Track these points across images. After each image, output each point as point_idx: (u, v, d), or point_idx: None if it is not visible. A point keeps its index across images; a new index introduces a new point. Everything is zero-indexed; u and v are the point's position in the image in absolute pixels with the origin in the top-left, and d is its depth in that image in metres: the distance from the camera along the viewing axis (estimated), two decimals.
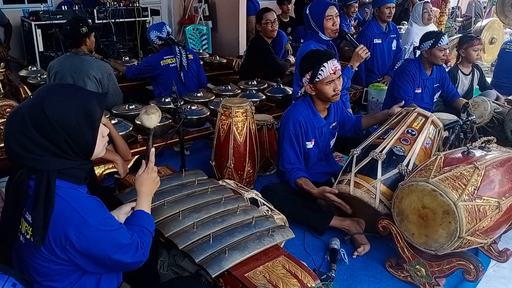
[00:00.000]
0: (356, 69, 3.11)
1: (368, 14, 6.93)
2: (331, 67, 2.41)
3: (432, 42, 3.41)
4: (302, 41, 4.79)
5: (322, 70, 2.40)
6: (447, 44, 3.45)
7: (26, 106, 1.26)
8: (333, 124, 2.73)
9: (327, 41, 3.15)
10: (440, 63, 3.52)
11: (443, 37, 3.42)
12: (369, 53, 3.07)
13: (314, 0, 3.22)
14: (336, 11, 3.12)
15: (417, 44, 3.66)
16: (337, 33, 3.16)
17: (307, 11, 3.15)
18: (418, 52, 3.60)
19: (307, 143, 2.61)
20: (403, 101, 2.95)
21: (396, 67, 4.77)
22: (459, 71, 4.02)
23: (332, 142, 2.79)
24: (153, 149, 1.68)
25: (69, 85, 1.40)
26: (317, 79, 2.43)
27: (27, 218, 1.29)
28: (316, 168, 2.75)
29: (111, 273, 1.47)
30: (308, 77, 2.46)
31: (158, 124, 1.80)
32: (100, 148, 1.38)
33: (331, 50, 3.03)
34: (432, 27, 5.12)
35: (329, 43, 3.19)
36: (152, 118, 1.73)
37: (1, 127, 2.38)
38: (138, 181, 1.62)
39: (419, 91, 3.59)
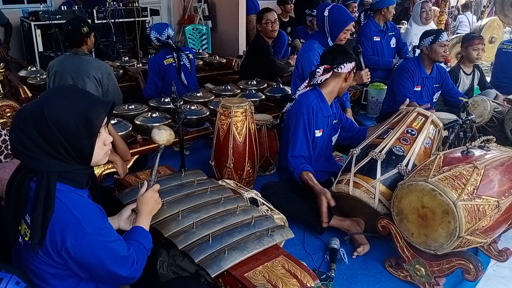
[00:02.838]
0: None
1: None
2: None
3: (432, 38, 3.45)
4: (302, 41, 4.79)
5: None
6: (447, 40, 3.48)
7: (31, 106, 1.28)
8: (335, 121, 2.76)
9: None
10: (441, 60, 3.55)
11: (443, 33, 3.48)
12: (370, 78, 3.12)
13: (337, 6, 3.19)
14: (353, 24, 3.18)
15: (417, 44, 3.68)
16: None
17: (326, 13, 3.11)
18: (417, 51, 3.64)
19: (316, 131, 2.63)
20: (408, 100, 2.95)
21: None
22: (461, 71, 4.03)
23: (334, 138, 2.81)
24: (157, 169, 1.69)
25: (75, 90, 1.38)
26: (355, 70, 2.68)
27: (26, 220, 1.29)
28: (316, 166, 2.73)
29: None
30: (354, 65, 2.65)
31: (166, 143, 1.77)
32: (100, 156, 1.37)
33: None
34: (432, 27, 5.12)
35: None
36: (162, 133, 1.73)
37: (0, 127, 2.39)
38: (140, 201, 1.62)
39: (418, 89, 3.62)
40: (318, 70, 2.61)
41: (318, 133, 2.65)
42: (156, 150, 1.77)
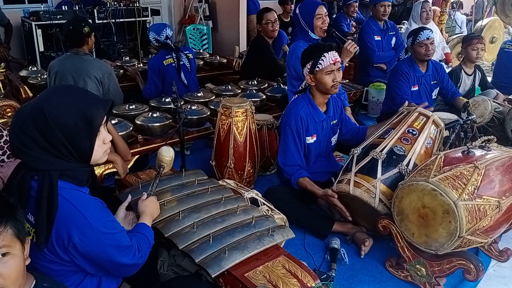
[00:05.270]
0: (347, 64, 3.16)
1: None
2: (331, 57, 2.48)
3: (412, 39, 3.49)
4: None
5: (322, 60, 2.46)
6: (428, 38, 3.44)
7: (30, 105, 1.29)
8: (334, 122, 2.74)
9: (316, 40, 3.17)
10: (425, 59, 3.53)
11: (422, 32, 3.47)
12: (358, 47, 3.11)
13: (305, 1, 3.26)
14: (326, 10, 3.18)
15: None
16: (325, 33, 3.21)
17: (297, 11, 3.21)
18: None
19: (307, 138, 2.62)
20: (407, 102, 2.94)
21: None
22: (462, 71, 4.02)
23: (333, 140, 2.79)
24: (157, 183, 1.88)
25: (75, 88, 1.39)
26: (317, 69, 2.48)
27: (29, 219, 1.29)
28: (316, 167, 2.75)
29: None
30: (309, 67, 2.50)
31: (170, 160, 1.99)
32: (100, 154, 1.38)
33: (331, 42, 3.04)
34: (432, 26, 5.12)
35: (319, 42, 3.21)
36: (170, 150, 1.96)
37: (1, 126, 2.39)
38: (142, 204, 1.71)
39: (416, 88, 3.62)
40: (301, 86, 2.68)
41: (311, 140, 2.63)
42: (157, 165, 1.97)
